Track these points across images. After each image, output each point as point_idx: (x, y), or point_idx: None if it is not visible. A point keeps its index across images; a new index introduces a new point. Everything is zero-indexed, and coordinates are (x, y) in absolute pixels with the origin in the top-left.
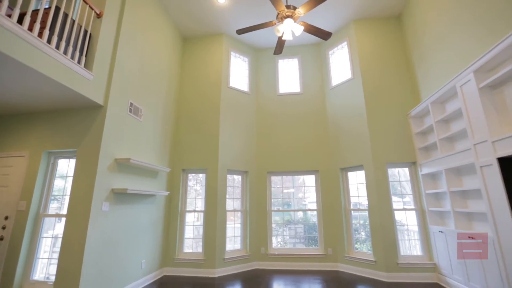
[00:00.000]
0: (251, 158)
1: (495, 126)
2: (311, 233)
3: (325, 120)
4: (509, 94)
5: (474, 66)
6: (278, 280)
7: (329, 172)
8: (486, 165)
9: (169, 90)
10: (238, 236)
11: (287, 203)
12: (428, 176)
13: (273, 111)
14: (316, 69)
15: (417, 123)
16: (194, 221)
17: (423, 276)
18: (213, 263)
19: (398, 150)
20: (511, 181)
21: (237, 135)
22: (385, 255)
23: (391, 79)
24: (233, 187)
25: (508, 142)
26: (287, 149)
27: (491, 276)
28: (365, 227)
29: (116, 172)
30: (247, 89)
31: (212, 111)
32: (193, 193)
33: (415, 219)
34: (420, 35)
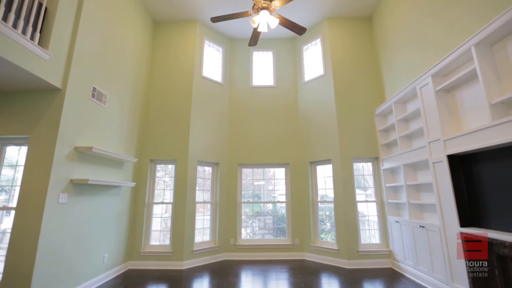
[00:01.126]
0: (222, 150)
1: (447, 126)
2: (279, 224)
3: (297, 115)
4: (460, 98)
5: (432, 70)
6: (246, 270)
7: (298, 166)
8: (437, 162)
9: (137, 76)
10: (207, 228)
11: (257, 195)
12: (388, 171)
13: (246, 104)
14: (290, 64)
15: (381, 121)
16: (162, 213)
17: (380, 262)
18: (181, 255)
19: (363, 146)
20: (457, 176)
21: (208, 126)
22: (347, 244)
23: (360, 77)
24: (203, 178)
25: (456, 141)
26: (259, 141)
27: (436, 260)
28: (330, 218)
29: (76, 162)
30: (220, 80)
31: (184, 101)
32: (162, 184)
33: (375, 210)
34: (387, 38)
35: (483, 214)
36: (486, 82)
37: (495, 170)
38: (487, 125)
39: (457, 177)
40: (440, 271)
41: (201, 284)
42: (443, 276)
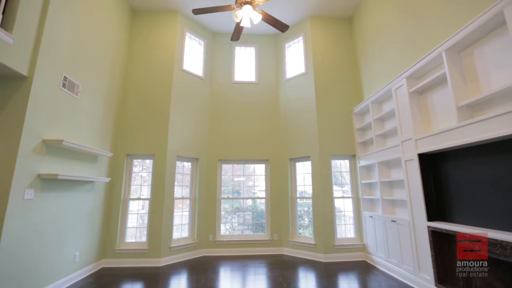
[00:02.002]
0: (202, 145)
1: (418, 126)
2: (259, 220)
3: (278, 111)
4: (431, 100)
5: (407, 73)
6: (225, 266)
7: (278, 162)
8: (409, 160)
9: (113, 67)
10: (185, 224)
11: (237, 191)
12: (364, 168)
13: (227, 99)
14: (272, 60)
15: (359, 119)
16: (139, 209)
17: (354, 255)
18: (158, 252)
19: (342, 144)
20: (426, 174)
21: (188, 121)
22: (324, 238)
23: (340, 77)
24: (182, 174)
25: (426, 140)
26: (239, 137)
27: (405, 252)
28: (308, 213)
29: (44, 155)
30: (202, 74)
31: (163, 95)
32: (139, 179)
33: (351, 206)
34: (366, 39)
35: (448, 209)
36: (454, 86)
37: (459, 169)
38: (453, 126)
39: (426, 174)
40: (409, 262)
41: (179, 281)
42: (411, 267)
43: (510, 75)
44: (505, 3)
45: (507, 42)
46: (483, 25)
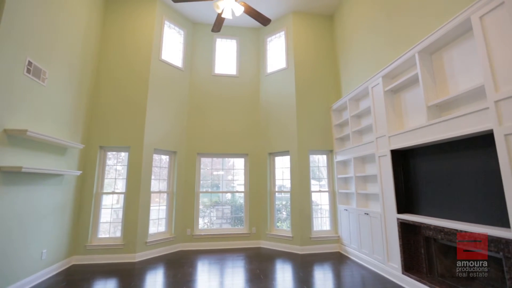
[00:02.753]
0: (181, 138)
1: (392, 124)
2: (237, 213)
3: (258, 106)
4: (404, 99)
5: (383, 72)
6: (203, 259)
7: (258, 156)
8: (382, 155)
9: (85, 53)
10: (162, 218)
11: (216, 185)
12: (340, 163)
13: (207, 92)
14: (254, 54)
15: (337, 116)
16: (113, 204)
17: (329, 247)
18: (133, 247)
19: (320, 139)
20: (397, 169)
21: (166, 113)
22: (301, 231)
23: (320, 73)
24: (159, 167)
25: (399, 137)
26: (219, 131)
27: (376, 243)
28: (286, 207)
29: (6, 147)
30: (181, 65)
31: (140, 84)
32: (113, 173)
33: (328, 199)
34: (346, 37)
35: (415, 202)
36: (425, 86)
37: (426, 164)
38: (423, 124)
39: (397, 169)
40: (379, 252)
41: (155, 276)
42: (381, 257)
43: (474, 78)
44: (472, 10)
45: (473, 47)
46: (452, 30)
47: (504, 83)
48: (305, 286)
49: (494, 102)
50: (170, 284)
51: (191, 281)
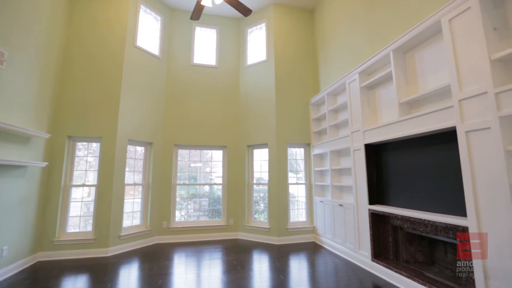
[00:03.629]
0: (157, 129)
1: (366, 119)
2: (215, 206)
3: (237, 97)
4: (379, 96)
5: (360, 68)
6: (180, 252)
7: (236, 148)
8: (357, 149)
9: (52, 36)
10: (137, 211)
11: (193, 177)
12: (317, 156)
13: (185, 82)
14: (234, 45)
15: (315, 110)
16: (84, 197)
17: (305, 237)
18: (106, 241)
19: (298, 132)
20: (370, 162)
21: (142, 102)
22: (278, 222)
23: (300, 67)
24: (134, 159)
25: (372, 132)
26: (197, 122)
27: (349, 232)
28: (264, 199)
29: None
30: (158, 53)
31: (113, 72)
32: (84, 164)
33: (304, 191)
34: (325, 32)
35: (385, 194)
36: (398, 84)
37: (396, 158)
38: (395, 120)
39: (370, 163)
40: (351, 241)
41: (129, 270)
42: (353, 246)
43: (441, 78)
44: (443, 13)
45: (442, 49)
46: (424, 31)
47: (467, 84)
48: (281, 275)
49: (458, 101)
50: (145, 278)
51: (167, 273)
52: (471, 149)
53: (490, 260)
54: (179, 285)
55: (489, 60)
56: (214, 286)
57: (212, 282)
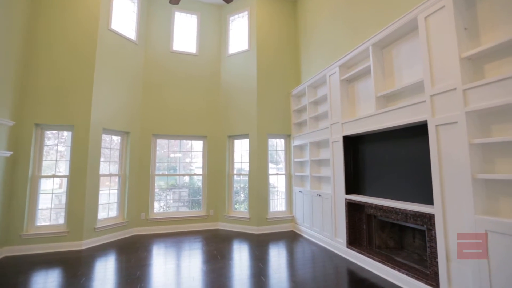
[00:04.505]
0: (134, 118)
1: (345, 111)
2: (195, 196)
3: (218, 87)
4: (358, 89)
5: (340, 61)
6: (159, 243)
7: (217, 139)
8: (336, 141)
9: (13, 15)
10: (114, 203)
11: (173, 168)
12: (297, 147)
13: (164, 69)
14: (215, 33)
15: (296, 101)
16: (55, 189)
17: (284, 226)
18: (79, 234)
19: (279, 124)
20: (348, 154)
21: (118, 90)
22: (258, 212)
23: (282, 58)
24: (110, 148)
25: (351, 125)
26: (177, 112)
27: (326, 221)
28: (244, 189)
29: None
30: (134, 38)
31: (85, 55)
32: (54, 154)
33: (284, 182)
34: (307, 24)
35: (361, 184)
36: (376, 78)
37: (372, 150)
38: (372, 113)
39: (347, 154)
40: (328, 229)
41: (105, 262)
42: (330, 233)
43: (416, 74)
44: (420, 10)
45: (417, 45)
46: (402, 27)
47: (439, 80)
48: (261, 263)
49: (430, 96)
50: (123, 270)
51: (146, 265)
52: (440, 142)
53: (452, 244)
54: (158, 275)
55: (459, 58)
56: (194, 275)
57: (192, 272)
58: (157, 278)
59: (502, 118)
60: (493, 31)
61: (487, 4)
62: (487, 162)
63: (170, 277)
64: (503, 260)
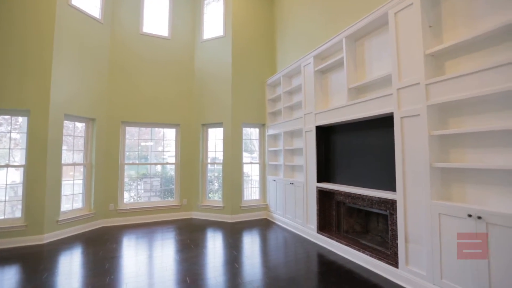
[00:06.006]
0: (100, 103)
1: (319, 102)
2: (168, 186)
3: (192, 73)
4: (331, 80)
5: (314, 52)
6: (129, 234)
7: (190, 127)
8: (309, 131)
9: None
10: (79, 194)
11: (144, 157)
12: (271, 137)
13: (133, 52)
14: (189, 16)
15: (271, 91)
16: (9, 180)
17: (258, 214)
18: (40, 228)
19: (254, 113)
20: (320, 143)
21: (81, 73)
22: (232, 201)
23: (258, 46)
24: (73, 136)
25: (323, 115)
26: (148, 98)
27: (298, 209)
28: (218, 178)
29: None
30: (99, 16)
31: (42, 33)
32: (6, 142)
33: (258, 171)
34: (284, 13)
35: (332, 172)
36: (348, 70)
37: (343, 140)
38: (343, 104)
39: (320, 144)
40: (300, 216)
41: (71, 256)
42: (302, 220)
43: (385, 67)
44: (391, 5)
45: (388, 39)
46: (374, 21)
47: (405, 74)
48: (234, 251)
49: (396, 89)
50: (90, 263)
51: (115, 257)
52: (404, 133)
53: (410, 227)
54: (129, 267)
55: (424, 54)
56: (167, 265)
57: (165, 262)
58: (128, 269)
59: (458, 112)
60: (454, 30)
61: (450, 4)
62: (443, 152)
63: (142, 268)
64: (452, 239)
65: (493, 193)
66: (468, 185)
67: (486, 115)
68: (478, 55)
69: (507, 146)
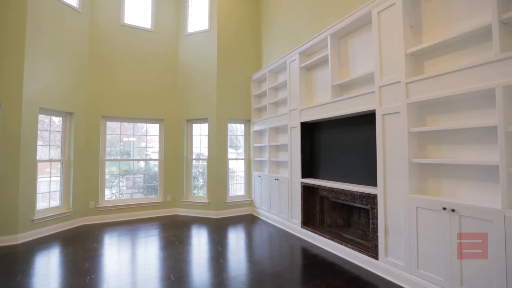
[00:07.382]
0: (79, 97)
1: (304, 98)
2: (151, 182)
3: (176, 68)
4: (316, 77)
5: (300, 49)
6: (111, 232)
7: (174, 122)
8: (294, 127)
9: None
10: (56, 191)
11: (126, 152)
12: (257, 133)
13: (114, 44)
14: (172, 8)
15: (256, 86)
16: None
17: (243, 210)
18: (13, 227)
19: (239, 108)
20: (304, 139)
21: (57, 64)
22: (217, 197)
23: (243, 41)
24: (49, 131)
25: (308, 111)
26: (130, 92)
27: (283, 204)
28: (203, 174)
29: None
30: (76, 4)
31: (12, 20)
32: None
33: (243, 166)
34: (270, 8)
35: (316, 168)
36: (332, 67)
37: (327, 136)
38: (328, 101)
39: (304, 140)
40: (285, 211)
41: (48, 256)
42: (286, 215)
43: (368, 65)
44: (374, 4)
45: (370, 38)
46: (358, 19)
47: (387, 73)
48: (219, 246)
49: (379, 87)
50: (68, 263)
51: (96, 256)
52: (385, 129)
53: (389, 220)
54: (110, 265)
55: (404, 53)
56: (151, 263)
57: (149, 259)
58: (109, 268)
59: (435, 110)
60: (433, 31)
61: (430, 6)
62: (421, 148)
63: (124, 266)
64: (427, 231)
65: (466, 187)
66: (443, 179)
67: (460, 113)
68: (455, 55)
69: (478, 143)
